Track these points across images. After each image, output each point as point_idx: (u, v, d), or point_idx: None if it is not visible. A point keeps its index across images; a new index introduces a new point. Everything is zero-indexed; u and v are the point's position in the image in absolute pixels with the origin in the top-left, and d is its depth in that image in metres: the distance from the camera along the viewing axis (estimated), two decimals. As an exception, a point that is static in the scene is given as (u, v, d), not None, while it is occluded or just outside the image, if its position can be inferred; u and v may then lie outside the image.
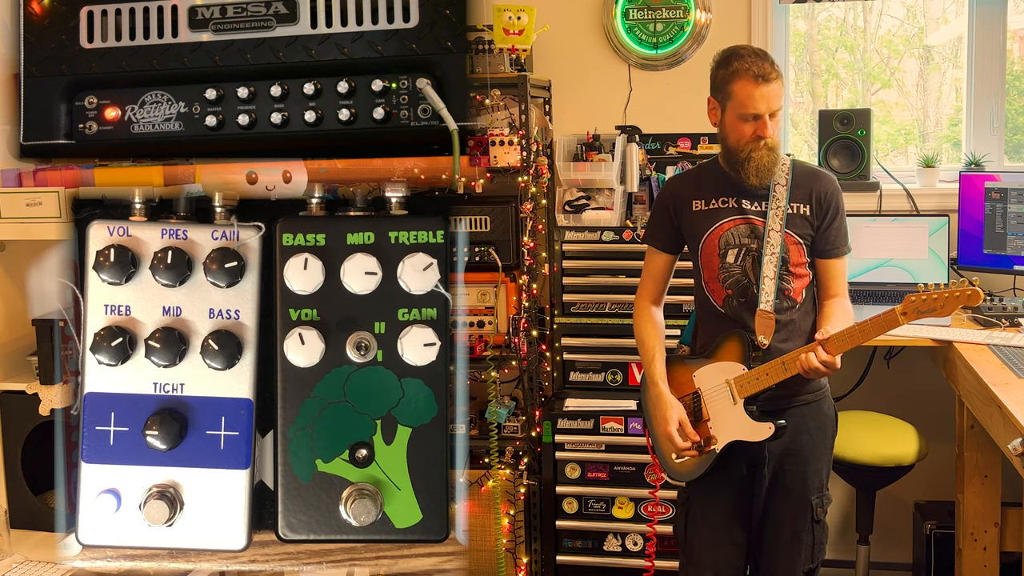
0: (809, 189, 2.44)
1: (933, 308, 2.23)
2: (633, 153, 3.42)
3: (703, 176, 2.54)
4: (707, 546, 2.56)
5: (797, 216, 2.42)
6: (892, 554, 3.64)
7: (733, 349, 2.43)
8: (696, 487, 2.57)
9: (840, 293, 2.47)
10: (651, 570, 3.23)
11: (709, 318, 2.52)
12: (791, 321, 2.44)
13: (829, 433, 2.56)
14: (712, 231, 2.45)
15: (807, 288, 2.47)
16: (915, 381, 3.55)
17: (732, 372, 2.42)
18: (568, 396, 3.41)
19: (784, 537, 2.50)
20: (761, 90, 2.32)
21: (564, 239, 3.41)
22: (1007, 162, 3.66)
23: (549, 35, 3.63)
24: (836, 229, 2.46)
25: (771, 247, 2.39)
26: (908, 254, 3.42)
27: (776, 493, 2.50)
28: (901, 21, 4.01)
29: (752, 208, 2.44)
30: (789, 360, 2.34)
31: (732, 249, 2.44)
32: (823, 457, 2.53)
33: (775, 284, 2.40)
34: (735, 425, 2.41)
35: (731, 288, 2.45)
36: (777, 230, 2.39)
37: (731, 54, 2.39)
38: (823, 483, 2.53)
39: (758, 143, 2.36)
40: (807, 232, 2.43)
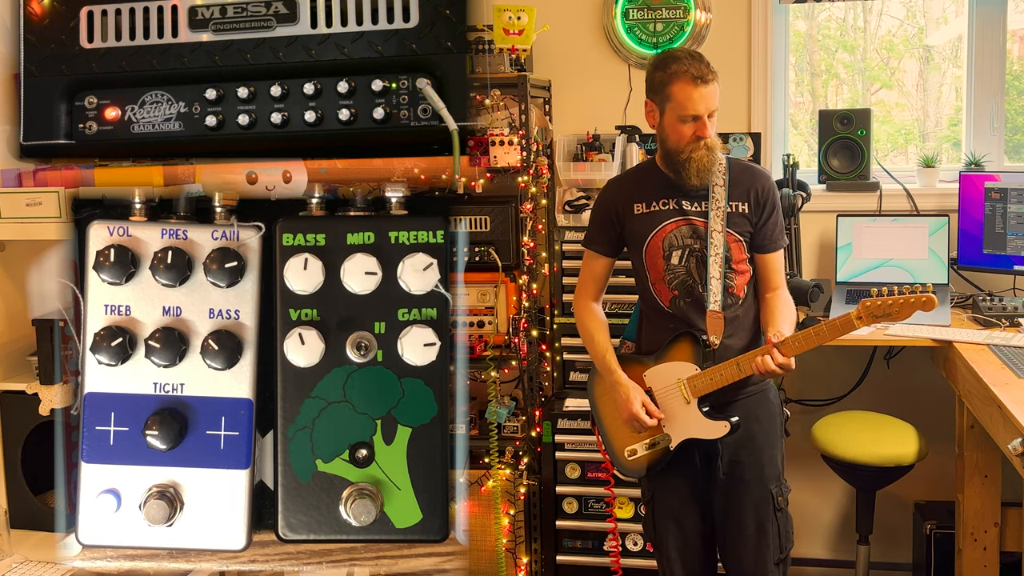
0: (747, 187, 2.48)
1: (888, 312, 2.27)
2: (633, 153, 3.42)
3: (642, 178, 2.57)
4: (673, 538, 2.61)
5: (736, 214, 2.47)
6: (892, 554, 3.64)
7: (684, 349, 2.47)
8: (656, 484, 2.61)
9: (780, 285, 2.53)
10: (617, 571, 3.24)
11: (656, 317, 2.55)
12: (736, 317, 2.49)
13: (778, 421, 2.60)
14: (655, 233, 2.49)
15: (748, 283, 2.52)
16: (915, 381, 3.55)
17: (684, 372, 2.46)
18: (568, 396, 3.41)
19: (748, 531, 2.53)
20: (700, 91, 2.36)
21: (564, 239, 3.41)
22: (1007, 162, 3.65)
23: (549, 35, 3.63)
24: (773, 224, 2.51)
25: (715, 247, 2.44)
26: (908, 254, 3.42)
27: (735, 486, 2.53)
28: (901, 21, 4.01)
29: (692, 209, 2.48)
30: (744, 361, 2.39)
31: (676, 251, 2.48)
32: (776, 445, 2.57)
33: (721, 284, 2.45)
34: (689, 424, 2.46)
35: (677, 289, 2.49)
36: (719, 230, 2.44)
37: (667, 57, 2.43)
38: (779, 472, 2.57)
39: (698, 143, 2.40)
40: (746, 229, 2.48)
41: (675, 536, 2.61)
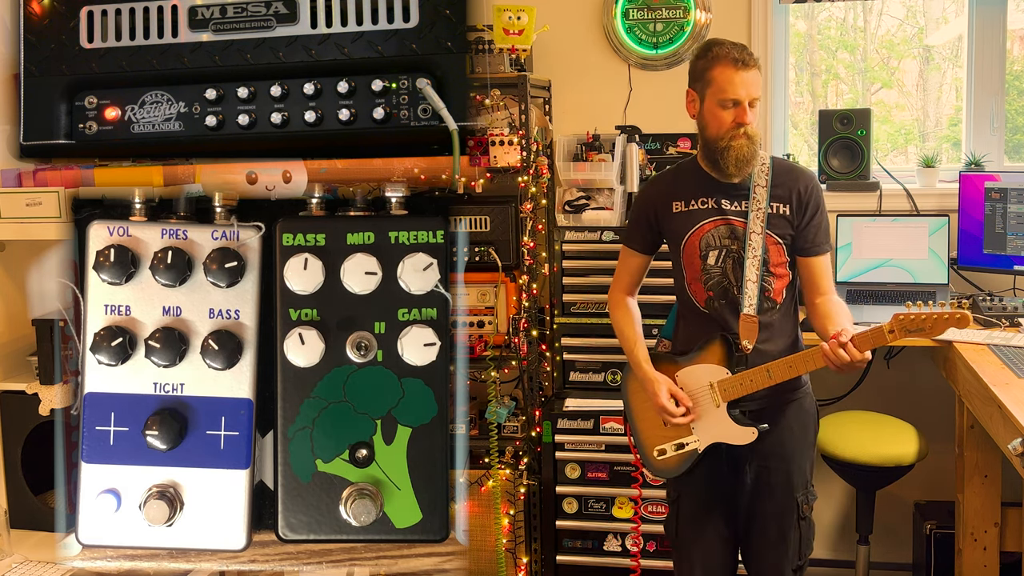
0: (789, 188, 2.42)
1: (921, 328, 2.22)
2: (633, 153, 3.42)
3: (682, 176, 2.53)
4: (695, 543, 2.57)
5: (777, 216, 2.42)
6: (892, 554, 3.64)
7: (717, 352, 2.43)
8: (683, 485, 2.58)
9: (829, 290, 2.46)
10: (638, 570, 3.24)
11: (691, 316, 2.52)
12: (772, 322, 2.44)
13: (812, 430, 2.56)
14: (692, 233, 2.45)
15: (787, 288, 2.47)
16: (915, 381, 3.55)
17: (716, 375, 2.43)
18: (568, 396, 3.41)
19: (771, 536, 2.51)
20: (740, 75, 2.32)
21: (564, 239, 3.41)
22: (1007, 162, 3.65)
23: (549, 35, 3.63)
24: (816, 226, 2.44)
25: (752, 250, 2.39)
26: (908, 254, 3.42)
27: (761, 492, 2.50)
28: (901, 21, 4.01)
29: (731, 208, 2.43)
30: (775, 368, 2.35)
31: (713, 251, 2.44)
32: (806, 454, 2.54)
33: (757, 287, 2.40)
34: (718, 427, 2.43)
35: (712, 290, 2.45)
36: (758, 232, 2.39)
37: (710, 43, 2.41)
38: (808, 480, 2.54)
39: (738, 131, 2.34)
40: (787, 232, 2.43)
41: (696, 539, 2.57)
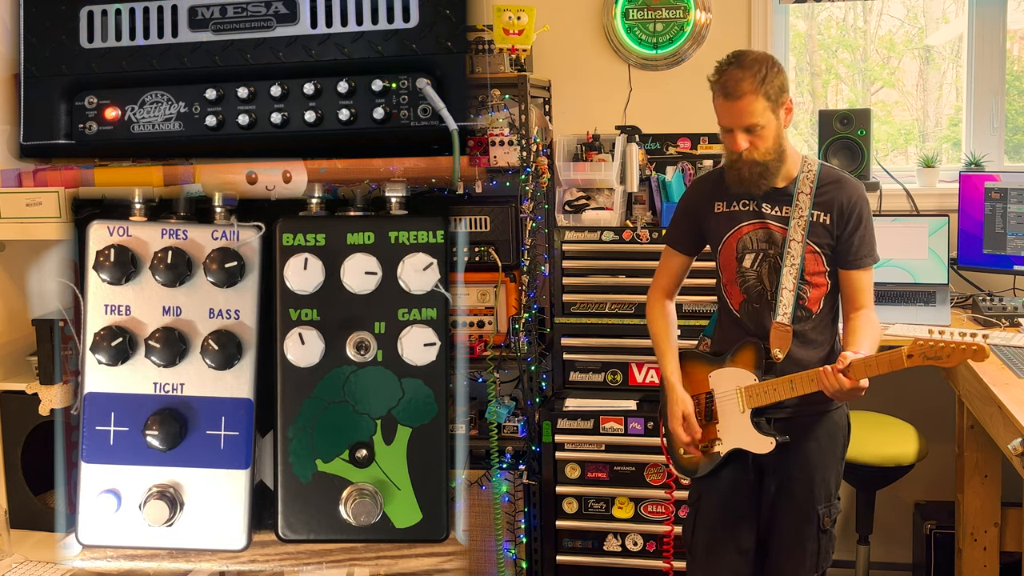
0: (832, 197, 2.38)
1: (939, 356, 2.20)
2: (633, 153, 3.42)
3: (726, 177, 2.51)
4: (712, 550, 2.55)
5: (818, 225, 2.38)
6: (892, 554, 3.64)
7: (749, 357, 2.42)
8: (704, 486, 2.56)
9: (866, 305, 2.40)
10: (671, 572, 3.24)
11: (727, 318, 2.51)
12: (805, 332, 2.41)
13: (840, 442, 2.53)
14: (731, 234, 2.44)
15: (825, 298, 2.42)
16: (915, 381, 3.54)
17: (744, 380, 2.41)
18: (568, 396, 3.41)
19: (788, 545, 2.49)
20: (727, 106, 2.29)
21: (564, 239, 3.41)
22: (1007, 162, 3.65)
23: (549, 35, 3.63)
24: (860, 238, 2.37)
25: (791, 258, 2.36)
26: (908, 254, 3.42)
27: (783, 501, 2.48)
28: (901, 21, 4.01)
29: (771, 213, 2.40)
30: (798, 380, 2.33)
31: (749, 254, 2.42)
32: (832, 466, 2.50)
33: (793, 295, 2.37)
34: (740, 433, 2.42)
35: (747, 293, 2.44)
36: (798, 240, 2.36)
37: (718, 67, 2.34)
38: (831, 492, 2.50)
39: (738, 156, 2.32)
40: (827, 241, 2.38)
41: (711, 544, 2.54)
